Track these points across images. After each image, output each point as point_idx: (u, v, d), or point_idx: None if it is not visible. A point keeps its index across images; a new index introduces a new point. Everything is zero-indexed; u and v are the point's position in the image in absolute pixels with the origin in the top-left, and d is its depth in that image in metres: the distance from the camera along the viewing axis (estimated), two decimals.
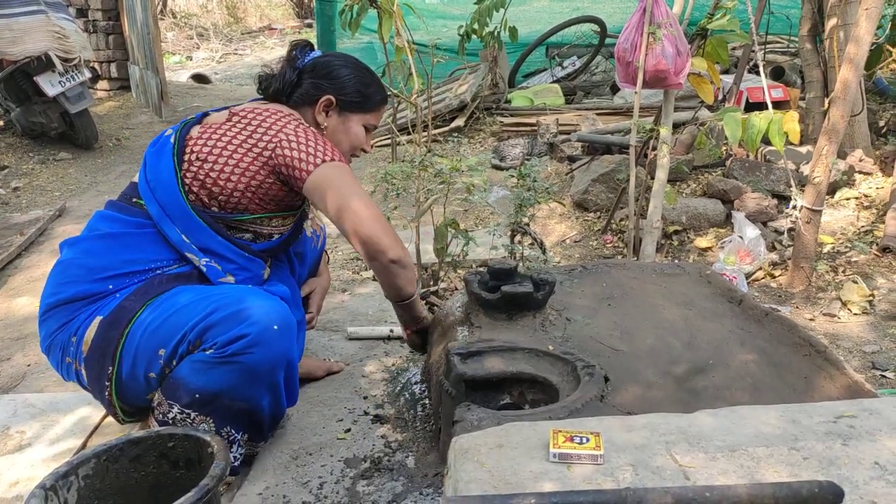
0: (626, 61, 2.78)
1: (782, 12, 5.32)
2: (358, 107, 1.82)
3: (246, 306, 1.50)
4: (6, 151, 5.38)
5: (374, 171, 4.77)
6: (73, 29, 5.04)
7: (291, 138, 1.64)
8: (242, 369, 1.50)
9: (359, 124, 1.83)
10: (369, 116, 1.85)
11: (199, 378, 1.50)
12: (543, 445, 1.15)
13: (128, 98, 6.94)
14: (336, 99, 1.78)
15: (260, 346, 1.48)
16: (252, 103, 1.79)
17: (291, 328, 1.56)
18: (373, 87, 1.84)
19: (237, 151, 1.63)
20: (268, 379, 1.56)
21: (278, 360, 1.55)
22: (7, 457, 1.74)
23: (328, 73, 1.79)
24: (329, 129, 1.81)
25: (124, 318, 1.53)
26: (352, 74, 1.80)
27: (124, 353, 1.52)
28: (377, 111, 1.87)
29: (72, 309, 1.58)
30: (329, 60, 1.82)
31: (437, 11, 7.41)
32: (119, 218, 1.67)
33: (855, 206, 3.48)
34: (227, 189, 1.63)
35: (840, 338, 2.51)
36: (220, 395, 1.52)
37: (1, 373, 2.33)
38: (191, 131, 1.69)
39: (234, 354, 1.48)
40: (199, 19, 13.61)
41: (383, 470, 1.63)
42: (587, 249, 3.45)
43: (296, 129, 1.67)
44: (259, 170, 1.64)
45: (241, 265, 1.68)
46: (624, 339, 1.68)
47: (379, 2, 3.07)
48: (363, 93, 1.81)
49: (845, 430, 1.18)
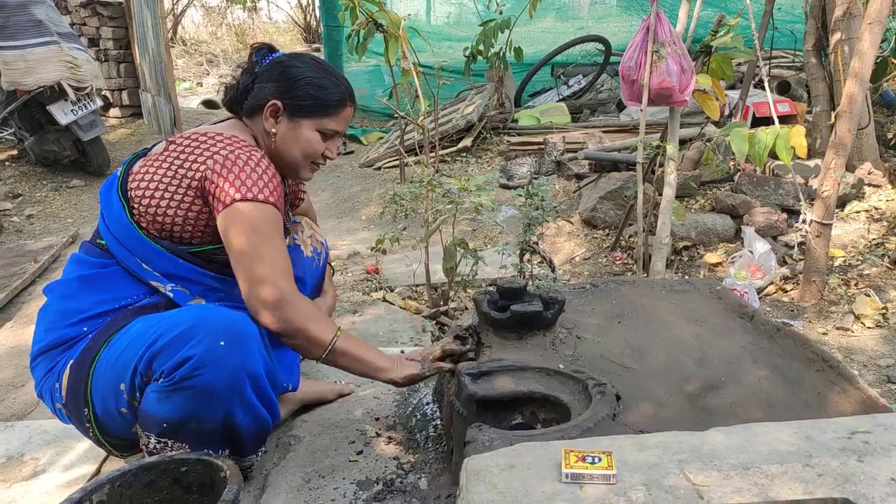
0: (630, 79, 2.80)
1: (786, 27, 5.35)
2: (309, 111, 1.65)
3: (189, 326, 1.42)
4: (20, 179, 5.46)
5: (382, 192, 4.81)
6: (84, 58, 5.13)
7: (218, 166, 1.53)
8: (197, 393, 1.42)
9: (311, 129, 1.66)
10: (325, 121, 1.67)
11: (161, 408, 1.45)
12: (555, 465, 1.14)
13: (139, 125, 7.04)
14: (283, 103, 1.64)
15: (208, 367, 1.40)
16: (198, 128, 1.68)
17: (244, 339, 1.45)
18: (329, 90, 1.66)
19: (171, 183, 1.56)
20: (231, 396, 1.46)
21: (235, 376, 1.44)
22: (22, 483, 1.75)
23: (279, 75, 1.65)
24: (278, 136, 1.66)
25: (88, 359, 1.51)
26: (304, 76, 1.65)
27: (93, 392, 1.51)
28: (334, 115, 1.68)
29: (54, 355, 1.57)
30: (282, 61, 1.68)
31: (442, 33, 7.49)
32: (87, 260, 1.65)
33: (865, 218, 3.47)
34: (166, 222, 1.56)
35: (854, 352, 2.49)
36: (187, 420, 1.46)
37: (15, 400, 2.35)
38: (134, 165, 1.63)
39: (182, 380, 1.40)
40: (208, 46, 13.82)
41: (396, 492, 1.63)
42: (596, 267, 3.45)
43: (227, 156, 1.54)
44: (193, 200, 1.55)
45: (210, 286, 1.63)
46: (635, 357, 1.67)
47: (385, 26, 3.11)
48: (315, 96, 1.64)
49: (860, 446, 1.17)
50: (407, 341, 2.49)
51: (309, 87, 1.64)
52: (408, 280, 3.15)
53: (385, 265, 3.42)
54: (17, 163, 5.69)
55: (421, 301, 2.95)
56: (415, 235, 3.21)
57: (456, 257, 2.63)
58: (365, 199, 4.79)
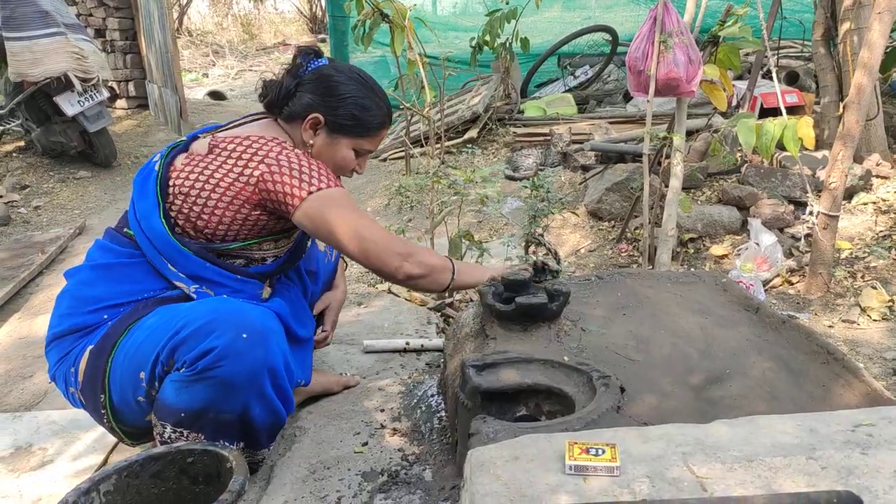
0: (637, 70, 2.79)
1: (795, 17, 5.30)
2: (349, 130, 1.68)
3: (212, 318, 1.44)
4: (27, 171, 5.48)
5: (388, 183, 4.81)
6: (91, 49, 5.13)
7: (274, 169, 1.56)
8: (217, 383, 1.44)
9: (348, 148, 1.70)
10: (363, 141, 1.71)
11: (180, 397, 1.47)
12: (559, 457, 1.15)
13: (146, 116, 7.05)
14: (325, 118, 1.66)
15: (229, 359, 1.42)
16: (236, 130, 1.70)
17: (266, 335, 1.48)
18: (372, 112, 1.69)
19: (219, 185, 1.57)
20: (250, 389, 1.49)
21: (256, 370, 1.47)
22: (30, 473, 1.77)
23: (325, 89, 1.66)
24: (315, 147, 1.69)
25: (108, 346, 1.52)
26: (349, 95, 1.66)
27: (111, 380, 1.52)
28: (373, 137, 1.72)
29: (70, 340, 1.58)
30: (331, 74, 1.68)
31: (448, 24, 7.46)
32: (112, 248, 1.66)
33: (873, 210, 3.45)
34: (212, 223, 1.59)
35: (860, 344, 2.48)
36: (205, 410, 1.48)
37: (23, 390, 2.37)
38: (175, 161, 1.64)
39: (205, 370, 1.42)
40: (214, 37, 13.82)
41: (401, 483, 1.63)
42: (602, 259, 3.45)
43: (278, 157, 1.58)
44: (244, 202, 1.58)
45: (234, 288, 1.65)
46: (640, 349, 1.67)
47: (391, 16, 3.10)
48: (357, 116, 1.67)
49: (864, 439, 1.17)
50: (412, 333, 2.50)
51: (353, 107, 1.66)
52: None
53: None
54: (24, 154, 5.71)
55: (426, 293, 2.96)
56: (420, 227, 3.21)
57: (461, 249, 2.63)
58: (370, 191, 4.79)
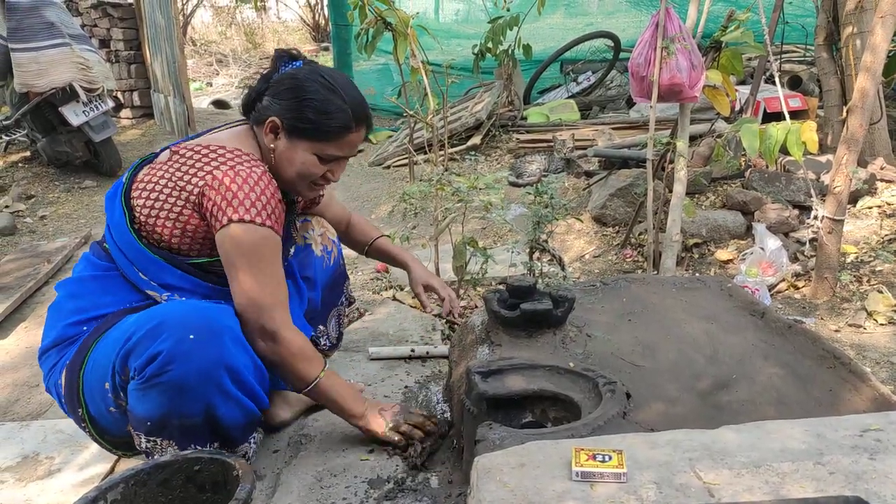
0: (640, 76, 2.80)
1: (797, 22, 5.30)
2: (307, 134, 1.58)
3: (159, 322, 1.40)
4: (33, 180, 5.50)
5: (392, 190, 4.81)
6: (96, 60, 5.16)
7: (217, 183, 1.50)
8: (170, 388, 1.40)
9: (308, 153, 1.60)
10: (324, 146, 1.60)
11: (141, 406, 1.45)
12: (566, 464, 1.15)
13: (150, 126, 7.08)
14: (282, 122, 1.58)
15: (177, 362, 1.38)
16: (204, 137, 1.66)
17: (217, 333, 1.43)
18: (332, 115, 1.57)
19: (170, 196, 1.54)
20: (208, 390, 1.44)
21: (208, 370, 1.42)
22: (37, 482, 1.77)
23: (284, 91, 1.58)
24: (276, 153, 1.62)
25: (79, 360, 1.52)
26: (307, 97, 1.56)
27: (85, 392, 1.52)
28: (336, 141, 1.60)
29: (55, 353, 1.59)
30: (293, 76, 1.60)
31: (451, 31, 7.49)
32: (93, 261, 1.66)
33: (877, 214, 3.44)
34: (164, 234, 1.55)
35: (866, 349, 2.47)
36: (167, 417, 1.45)
37: (30, 400, 2.37)
38: (139, 173, 1.61)
39: (153, 376, 1.39)
40: (218, 46, 13.88)
41: (407, 491, 1.63)
42: (606, 264, 3.44)
43: (227, 172, 1.50)
44: (191, 214, 1.53)
45: (207, 295, 1.61)
46: (645, 355, 1.67)
47: (394, 24, 3.11)
48: (314, 120, 1.56)
49: (872, 444, 1.17)
50: (417, 340, 2.50)
51: (310, 109, 1.57)
52: None
53: None
54: (30, 164, 5.74)
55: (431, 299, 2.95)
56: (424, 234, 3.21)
57: (465, 255, 2.63)
58: (375, 198, 4.80)
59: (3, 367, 2.64)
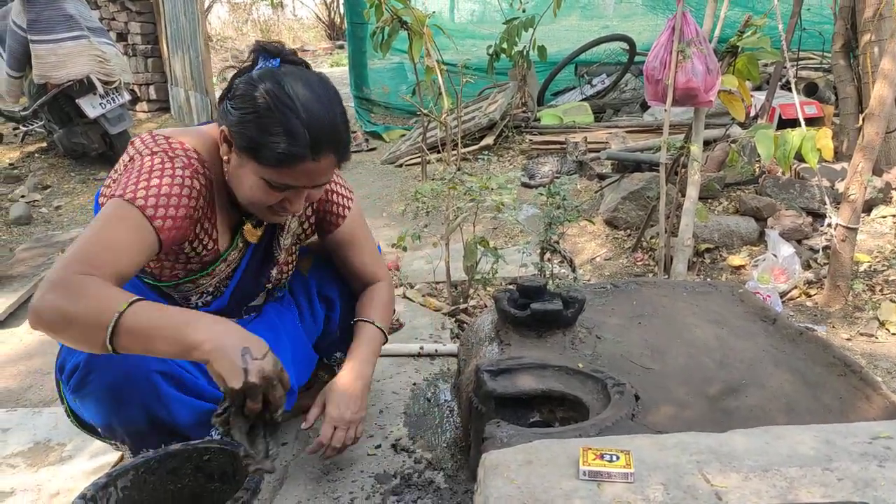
0: (655, 79, 2.79)
1: (815, 28, 5.27)
2: (249, 154, 1.33)
3: None
4: (49, 171, 5.56)
5: (404, 189, 4.82)
6: (113, 53, 5.21)
7: (126, 170, 1.35)
8: (99, 398, 1.35)
9: (254, 175, 1.34)
10: (270, 172, 1.33)
11: (84, 413, 1.43)
12: (573, 463, 1.15)
13: (166, 119, 7.12)
14: (230, 133, 1.35)
15: (97, 372, 1.30)
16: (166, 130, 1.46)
17: None
18: (280, 138, 1.28)
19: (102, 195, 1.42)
20: (140, 397, 1.35)
21: (135, 376, 1.33)
22: (48, 468, 1.79)
23: (238, 96, 1.33)
24: (229, 167, 1.40)
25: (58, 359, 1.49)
26: (255, 111, 1.30)
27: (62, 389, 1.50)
28: (284, 169, 1.31)
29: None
30: (251, 79, 1.33)
31: (466, 31, 7.49)
32: None
33: (892, 223, 3.41)
34: None
35: (878, 358, 2.46)
36: (111, 424, 1.40)
37: (43, 387, 2.40)
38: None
39: (78, 387, 1.35)
40: (234, 42, 13.94)
41: (413, 486, 1.64)
42: (617, 267, 3.44)
43: (140, 162, 1.34)
44: None
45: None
46: (655, 358, 1.67)
47: (409, 23, 3.12)
48: (257, 140, 1.30)
49: (881, 452, 1.16)
50: (426, 337, 2.51)
51: (254, 127, 1.30)
52: (428, 277, 3.16)
53: (406, 262, 3.44)
54: (46, 155, 5.79)
55: (441, 298, 2.96)
56: (436, 233, 3.21)
57: (476, 255, 2.64)
58: (387, 196, 4.81)
59: (16, 355, 2.67)
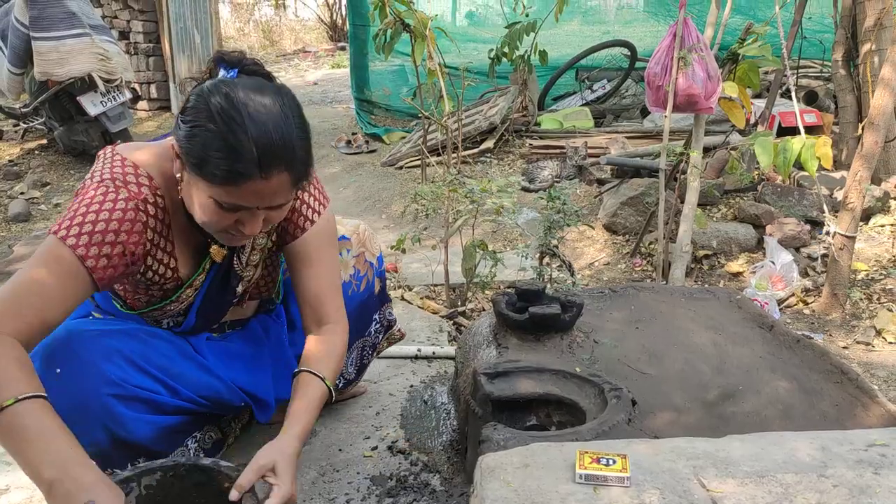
0: (656, 85, 2.80)
1: (815, 37, 5.29)
2: (195, 170, 1.20)
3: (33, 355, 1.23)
4: (49, 169, 5.56)
5: (404, 191, 4.82)
6: (115, 51, 5.21)
7: (76, 194, 1.29)
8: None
9: (204, 194, 1.22)
10: (214, 190, 1.20)
11: None
12: (569, 466, 1.15)
13: (167, 118, 7.13)
14: (180, 148, 1.23)
15: (51, 394, 1.17)
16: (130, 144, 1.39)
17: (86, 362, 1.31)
18: (217, 153, 1.16)
19: None
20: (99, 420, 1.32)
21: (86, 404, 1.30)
22: None
23: (189, 108, 1.21)
24: (182, 184, 1.29)
25: None
26: (201, 124, 1.18)
27: None
28: (229, 188, 1.18)
29: None
30: (202, 91, 1.21)
31: (467, 35, 7.50)
32: None
33: (890, 232, 3.42)
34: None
35: (875, 366, 2.46)
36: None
37: None
38: None
39: None
40: (236, 42, 13.95)
41: (409, 488, 1.64)
42: (616, 272, 3.44)
43: (84, 191, 1.27)
44: None
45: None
46: (652, 363, 1.67)
47: (412, 26, 3.13)
48: (200, 156, 1.18)
49: (877, 459, 1.17)
50: (423, 340, 2.51)
51: (198, 142, 1.18)
52: (426, 280, 3.16)
53: (404, 264, 3.44)
54: (46, 152, 5.79)
55: (439, 301, 2.97)
56: (435, 235, 3.22)
57: (475, 258, 2.64)
58: (386, 198, 4.81)
59: None
